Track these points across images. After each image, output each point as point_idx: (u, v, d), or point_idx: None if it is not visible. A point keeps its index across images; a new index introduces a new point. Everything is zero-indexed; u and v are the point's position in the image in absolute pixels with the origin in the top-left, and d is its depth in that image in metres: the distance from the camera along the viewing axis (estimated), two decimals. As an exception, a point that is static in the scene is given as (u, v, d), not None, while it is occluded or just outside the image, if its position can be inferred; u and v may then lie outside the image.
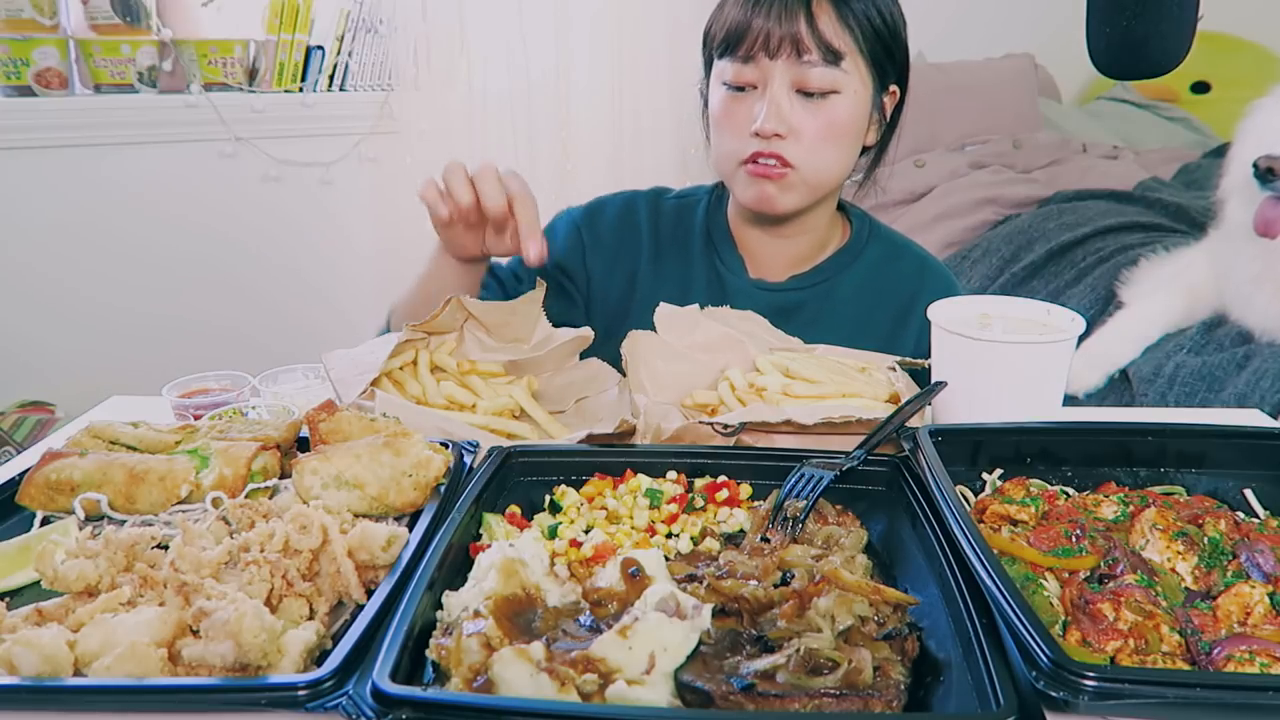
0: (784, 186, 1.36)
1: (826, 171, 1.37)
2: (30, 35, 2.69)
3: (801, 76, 1.30)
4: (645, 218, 1.57)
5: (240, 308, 3.11)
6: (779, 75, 1.31)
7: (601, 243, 1.56)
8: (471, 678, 0.69)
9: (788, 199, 1.38)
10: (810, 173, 1.35)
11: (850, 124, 1.35)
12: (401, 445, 0.95)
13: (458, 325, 1.33)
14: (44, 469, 0.98)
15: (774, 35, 1.28)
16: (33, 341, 2.88)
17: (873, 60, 1.34)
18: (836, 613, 0.75)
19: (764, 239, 1.50)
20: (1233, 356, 2.16)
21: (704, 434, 1.09)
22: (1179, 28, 1.02)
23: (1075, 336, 1.09)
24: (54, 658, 0.70)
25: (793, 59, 1.29)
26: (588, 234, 1.56)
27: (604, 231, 1.56)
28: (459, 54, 3.12)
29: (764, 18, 1.29)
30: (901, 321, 1.46)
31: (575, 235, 1.56)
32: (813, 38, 1.28)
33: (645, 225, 1.56)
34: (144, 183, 2.93)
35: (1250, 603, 0.78)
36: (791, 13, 1.28)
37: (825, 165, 1.36)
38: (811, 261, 1.52)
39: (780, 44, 1.29)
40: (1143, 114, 4.24)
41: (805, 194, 1.38)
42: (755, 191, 1.38)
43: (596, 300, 1.55)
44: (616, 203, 1.59)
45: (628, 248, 1.55)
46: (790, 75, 1.31)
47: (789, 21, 1.28)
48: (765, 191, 1.37)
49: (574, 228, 1.57)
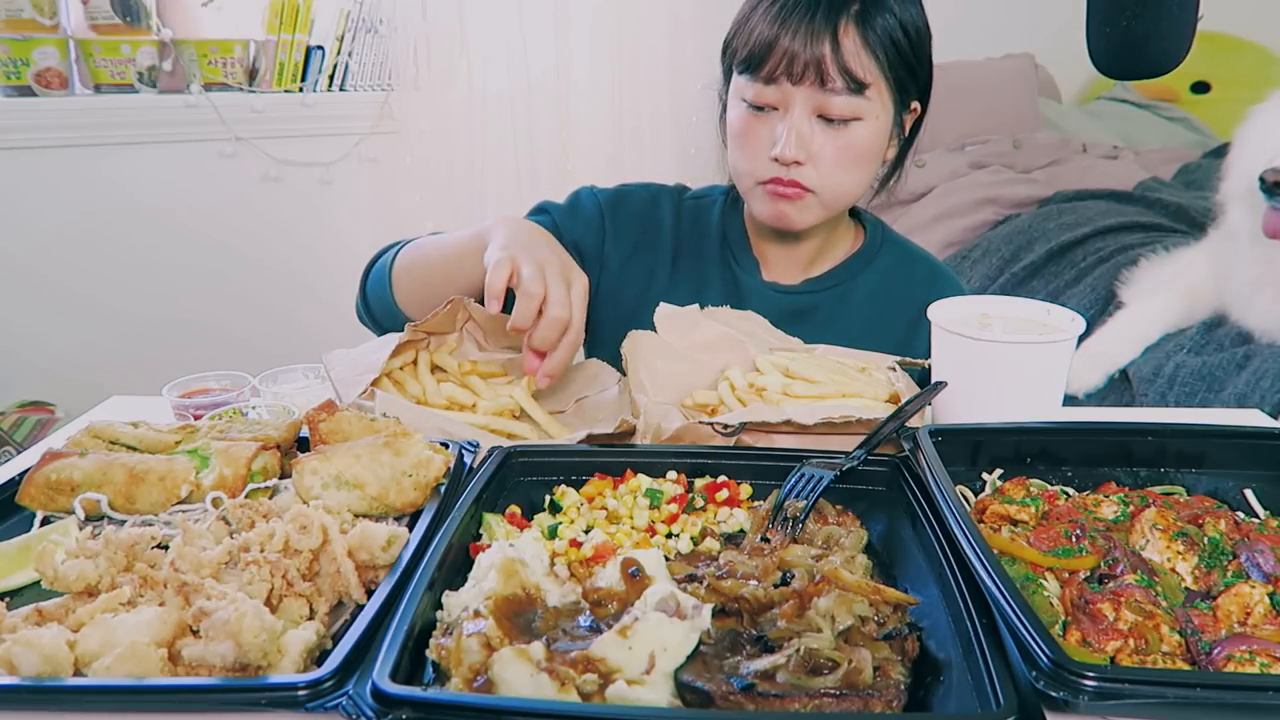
0: (801, 207, 1.36)
1: (845, 194, 1.37)
2: (30, 35, 2.69)
3: (824, 103, 1.28)
4: (669, 216, 1.55)
5: (240, 308, 3.11)
6: (801, 101, 1.29)
7: (623, 233, 1.53)
8: (471, 678, 0.69)
9: (805, 218, 1.38)
10: (829, 196, 1.35)
11: (870, 149, 1.34)
12: (401, 445, 0.95)
13: (457, 326, 1.33)
14: (44, 469, 0.98)
15: (799, 60, 1.26)
16: (33, 341, 2.88)
17: (896, 83, 1.32)
18: (836, 613, 0.75)
19: (776, 244, 1.51)
20: (1233, 357, 2.16)
21: (704, 434, 1.09)
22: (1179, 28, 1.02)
23: (1075, 336, 1.09)
24: (54, 658, 0.70)
25: (815, 86, 1.27)
26: (610, 221, 1.53)
27: (627, 222, 1.53)
28: (459, 54, 3.12)
29: (790, 38, 1.25)
30: (914, 328, 1.45)
31: (598, 218, 1.53)
32: (837, 67, 1.25)
33: (668, 223, 1.54)
34: (144, 183, 2.93)
35: (1250, 603, 0.78)
36: (818, 37, 1.25)
37: (843, 188, 1.36)
38: (825, 265, 1.52)
39: (805, 70, 1.26)
40: (1143, 114, 4.24)
41: (822, 213, 1.38)
42: (773, 210, 1.37)
43: (606, 291, 1.52)
44: (643, 196, 1.56)
45: (649, 243, 1.53)
46: (813, 102, 1.29)
47: (815, 45, 1.25)
48: (782, 210, 1.36)
49: (598, 210, 1.53)
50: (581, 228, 1.52)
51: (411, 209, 3.09)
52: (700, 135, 3.47)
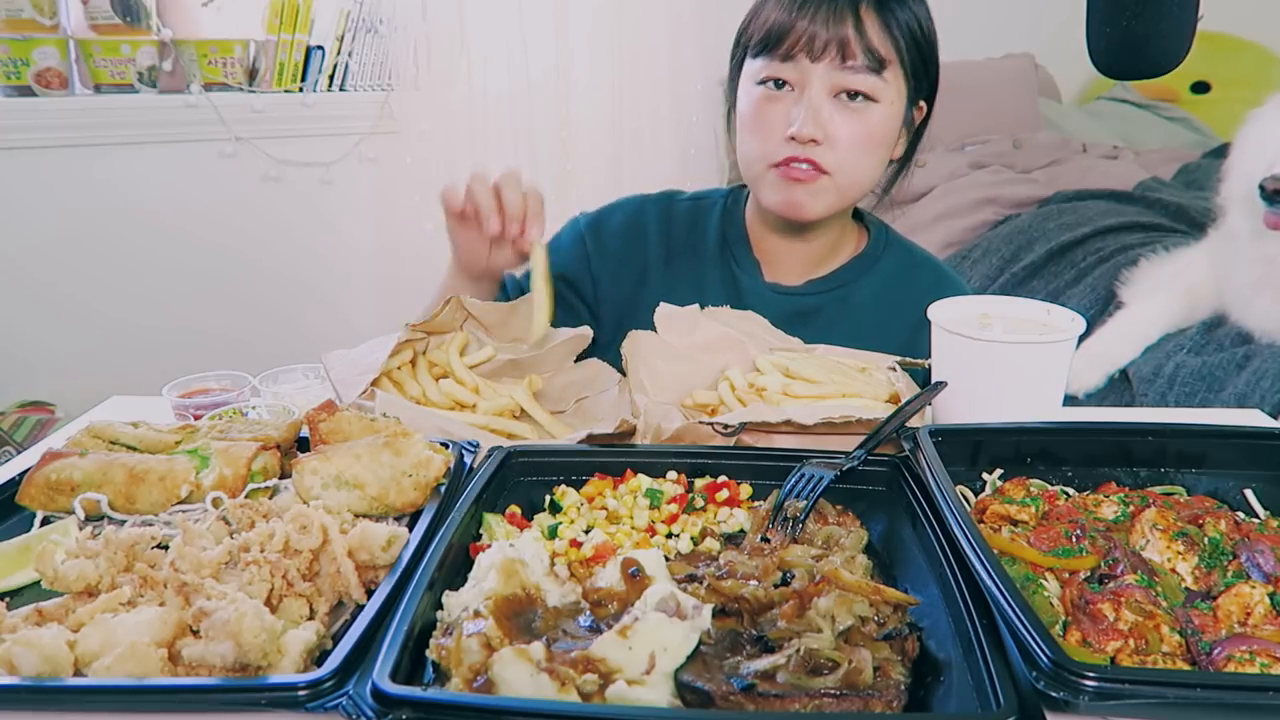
0: (814, 192, 1.34)
1: (859, 180, 1.36)
2: (30, 35, 2.69)
3: (843, 82, 1.28)
4: (655, 222, 1.56)
5: (240, 308, 3.11)
6: (819, 79, 1.29)
7: (606, 249, 1.55)
8: (471, 678, 0.69)
9: (817, 205, 1.36)
10: (844, 180, 1.34)
11: (884, 134, 1.34)
12: (401, 445, 0.95)
13: (458, 325, 1.33)
14: (44, 469, 0.98)
15: (819, 38, 1.26)
16: (33, 342, 2.88)
17: (911, 72, 1.33)
18: (837, 613, 0.75)
19: (780, 242, 1.50)
20: (1233, 357, 2.16)
21: (704, 434, 1.09)
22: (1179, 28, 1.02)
23: (1075, 336, 1.09)
24: (54, 658, 0.70)
25: (836, 63, 1.27)
26: (592, 242, 1.56)
27: (609, 238, 1.56)
28: (459, 54, 3.12)
29: (809, 20, 1.27)
30: (918, 331, 1.45)
31: (579, 245, 1.56)
32: (860, 43, 1.26)
33: (654, 229, 1.55)
34: (144, 183, 2.93)
35: (1250, 603, 0.78)
36: (840, 17, 1.26)
37: (858, 173, 1.35)
38: (828, 266, 1.51)
39: (826, 47, 1.27)
40: (1143, 114, 4.25)
41: (835, 201, 1.37)
42: (784, 196, 1.36)
43: (604, 304, 1.55)
44: (625, 208, 1.58)
45: (635, 253, 1.55)
46: (831, 80, 1.29)
47: (837, 25, 1.26)
48: (794, 197, 1.35)
49: (578, 237, 1.57)
50: (563, 258, 1.55)
51: (411, 209, 3.09)
52: (700, 135, 3.47)
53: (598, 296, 1.55)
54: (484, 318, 1.33)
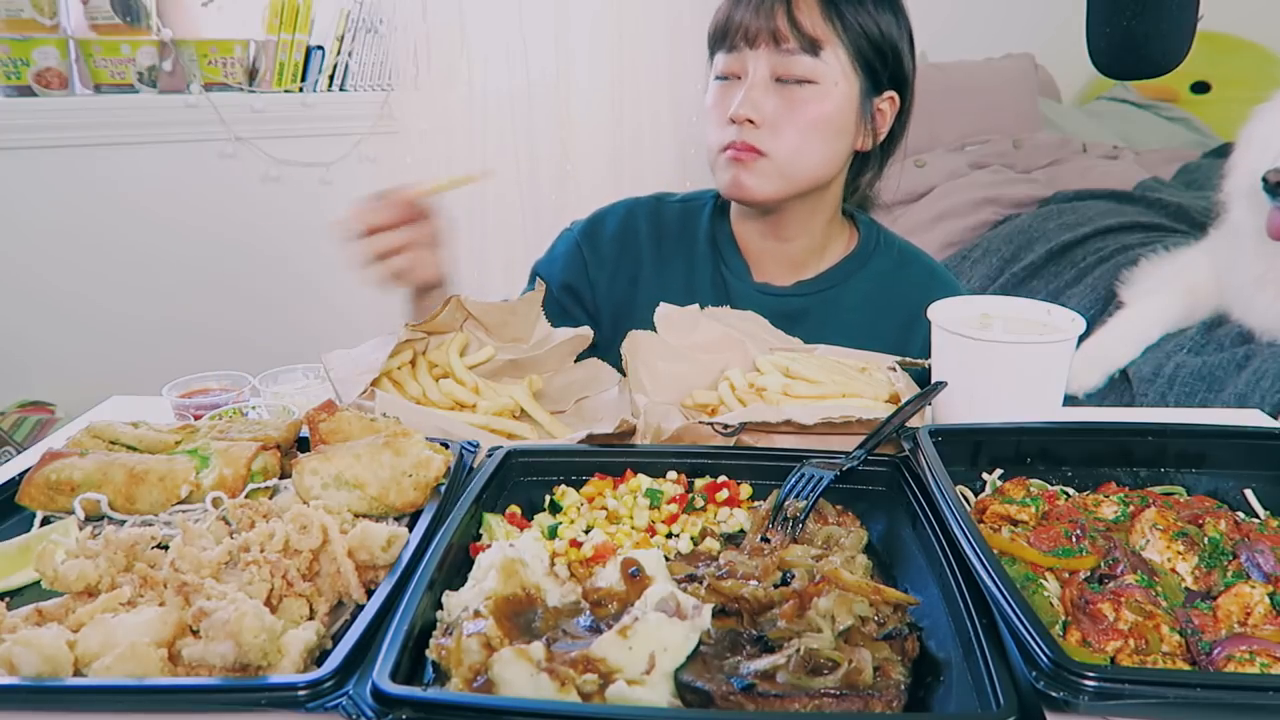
0: (755, 172, 1.36)
1: (803, 164, 1.36)
2: (30, 35, 2.69)
3: (779, 65, 1.32)
4: (645, 224, 1.57)
5: (240, 307, 3.11)
6: (756, 64, 1.33)
7: (601, 255, 1.57)
8: (471, 678, 0.69)
9: (762, 186, 1.37)
10: (783, 161, 1.35)
11: (827, 116, 1.34)
12: (402, 445, 0.95)
13: (457, 325, 1.33)
14: (44, 469, 0.98)
15: (753, 25, 1.32)
16: (33, 341, 2.88)
17: (859, 57, 1.34)
18: (837, 613, 0.75)
19: (764, 241, 1.50)
20: (1233, 356, 2.16)
21: (704, 434, 1.09)
22: (1179, 28, 1.02)
23: (1075, 336, 1.09)
24: (54, 658, 0.70)
25: (771, 47, 1.32)
26: (588, 249, 1.57)
27: (603, 243, 1.57)
28: (459, 54, 3.12)
29: (743, 10, 1.33)
30: (909, 330, 1.45)
31: (576, 254, 1.58)
32: (790, 28, 1.30)
33: (645, 231, 1.57)
34: (144, 183, 2.93)
35: (1250, 603, 0.78)
36: (770, 5, 1.31)
37: (801, 155, 1.35)
38: (817, 268, 1.51)
39: (758, 34, 1.32)
40: (1143, 114, 4.24)
41: (781, 184, 1.37)
42: (729, 177, 1.38)
43: (603, 307, 1.57)
44: (616, 213, 1.60)
45: (628, 256, 1.56)
46: (769, 64, 1.33)
47: (768, 13, 1.31)
48: (738, 177, 1.37)
49: (574, 246, 1.59)
50: (561, 266, 1.57)
51: (411, 209, 3.08)
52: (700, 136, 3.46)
53: (597, 301, 1.57)
54: (484, 318, 1.33)
